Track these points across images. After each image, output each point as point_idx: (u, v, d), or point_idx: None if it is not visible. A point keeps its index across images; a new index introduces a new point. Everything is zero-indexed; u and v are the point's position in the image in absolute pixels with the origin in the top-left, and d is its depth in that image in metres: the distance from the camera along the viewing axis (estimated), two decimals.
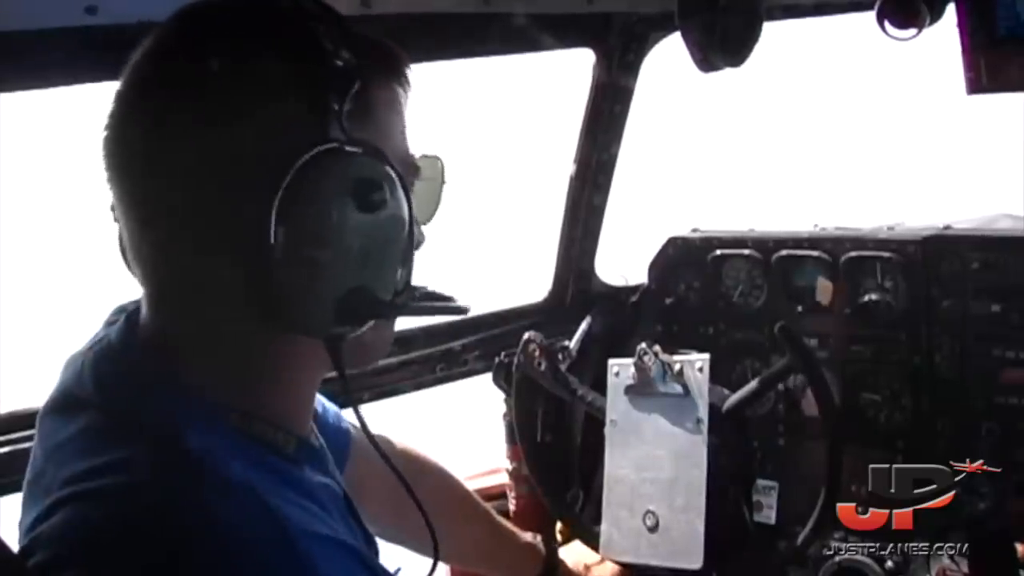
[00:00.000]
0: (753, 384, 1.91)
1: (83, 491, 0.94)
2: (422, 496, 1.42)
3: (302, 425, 1.09)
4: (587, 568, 1.95)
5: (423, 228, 1.16)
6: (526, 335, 2.08)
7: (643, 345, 1.91)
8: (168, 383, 1.00)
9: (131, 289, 1.08)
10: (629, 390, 1.94)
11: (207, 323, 1.00)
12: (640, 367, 1.91)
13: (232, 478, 0.94)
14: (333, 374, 1.12)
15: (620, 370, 1.96)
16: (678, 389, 1.88)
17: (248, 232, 0.94)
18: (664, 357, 1.89)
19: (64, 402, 1.05)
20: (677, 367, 1.88)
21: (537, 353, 2.06)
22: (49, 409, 1.08)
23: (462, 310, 1.15)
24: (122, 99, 1.00)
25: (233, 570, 0.90)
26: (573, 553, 2.00)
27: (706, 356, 1.87)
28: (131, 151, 0.99)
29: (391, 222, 0.99)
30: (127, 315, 1.07)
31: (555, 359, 2.06)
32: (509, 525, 1.84)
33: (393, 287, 1.02)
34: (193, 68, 0.96)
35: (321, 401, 1.21)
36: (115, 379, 1.02)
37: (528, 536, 1.85)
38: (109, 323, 1.11)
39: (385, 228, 0.99)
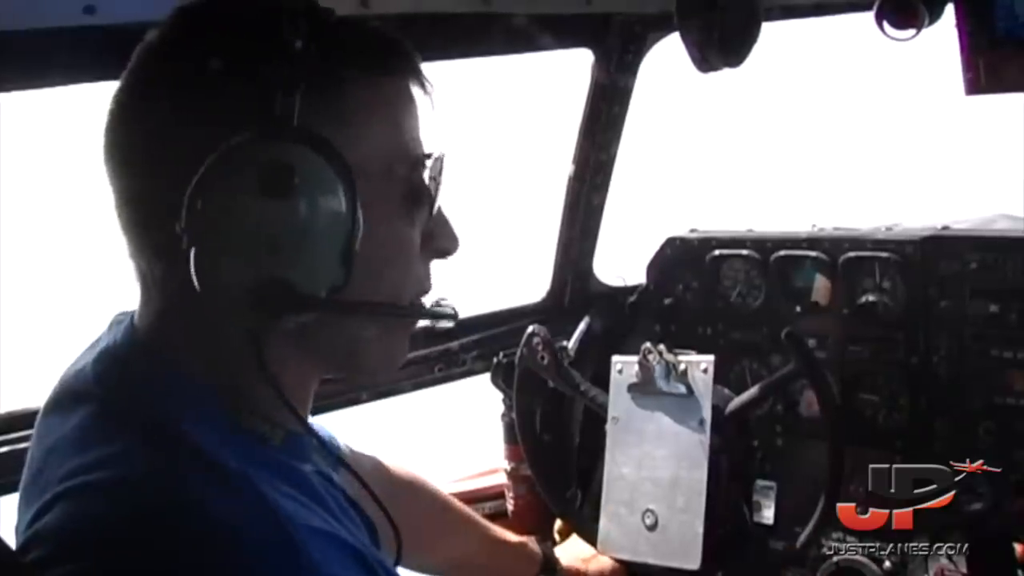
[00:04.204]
0: (756, 388, 1.91)
1: (81, 484, 0.94)
2: (415, 512, 1.43)
3: (294, 421, 1.09)
4: (584, 562, 1.96)
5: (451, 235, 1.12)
6: (530, 328, 2.07)
7: (648, 344, 1.91)
8: (163, 377, 1.01)
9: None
10: (632, 388, 1.94)
11: (193, 319, 1.01)
12: (644, 365, 1.91)
13: (229, 470, 0.95)
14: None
15: (623, 367, 1.96)
16: (681, 389, 1.88)
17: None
18: (668, 357, 1.89)
19: (63, 399, 1.06)
20: (681, 367, 1.88)
21: (540, 347, 2.06)
22: (48, 409, 1.08)
23: (413, 313, 1.11)
24: (118, 98, 1.02)
25: (230, 563, 0.90)
26: (569, 549, 2.00)
27: (711, 357, 1.88)
28: (119, 150, 1.01)
29: (312, 211, 0.95)
30: (131, 315, 1.08)
31: (558, 353, 2.06)
32: (501, 530, 1.85)
33: (324, 283, 0.97)
34: (178, 67, 0.99)
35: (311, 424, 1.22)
36: (114, 373, 1.03)
37: (522, 538, 1.86)
38: (111, 327, 1.11)
39: (303, 217, 0.95)
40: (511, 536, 1.86)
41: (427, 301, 1.13)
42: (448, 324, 1.16)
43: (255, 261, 0.94)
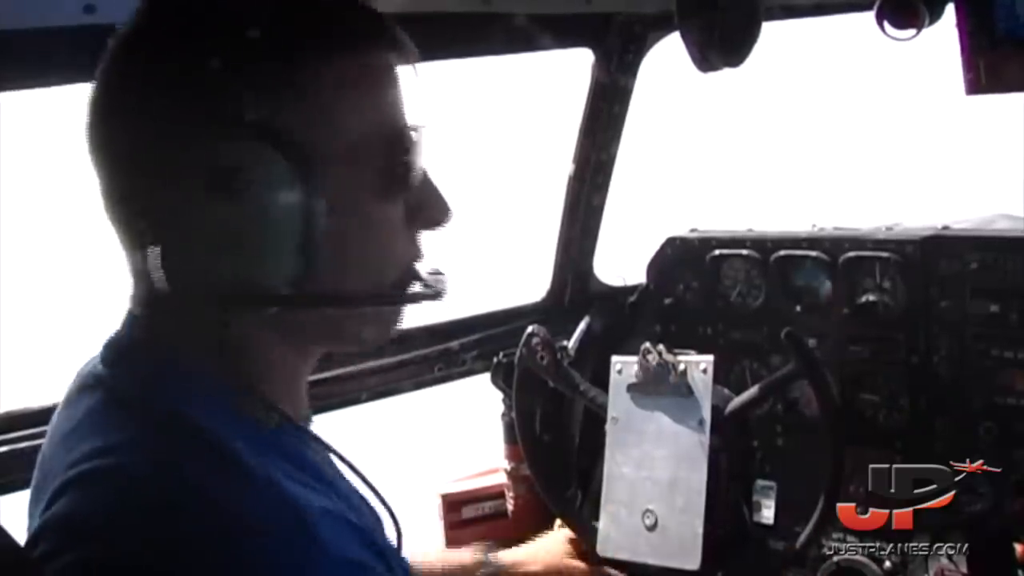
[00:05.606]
0: (756, 388, 1.91)
1: (91, 470, 0.94)
2: None
3: (291, 409, 1.10)
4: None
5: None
6: (529, 328, 2.07)
7: (647, 344, 1.91)
8: (161, 364, 1.02)
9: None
10: (631, 388, 1.94)
11: (176, 310, 1.02)
12: (644, 365, 1.91)
13: (238, 456, 0.95)
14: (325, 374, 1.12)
15: (623, 367, 1.96)
16: (681, 389, 1.88)
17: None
18: (668, 357, 1.89)
19: (74, 392, 1.07)
20: (681, 367, 1.88)
21: (540, 347, 2.06)
22: (63, 404, 1.09)
23: (392, 298, 1.08)
24: (92, 96, 1.02)
25: (240, 549, 0.90)
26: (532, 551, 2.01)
27: (710, 357, 1.87)
28: (96, 146, 1.02)
29: (263, 207, 0.95)
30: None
31: (557, 353, 2.06)
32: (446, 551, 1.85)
33: (285, 276, 0.97)
34: (137, 64, 0.99)
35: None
36: (119, 361, 1.04)
37: (466, 552, 1.86)
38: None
39: (253, 214, 0.95)
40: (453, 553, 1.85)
41: (421, 269, 1.10)
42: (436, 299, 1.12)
43: (211, 259, 0.96)
